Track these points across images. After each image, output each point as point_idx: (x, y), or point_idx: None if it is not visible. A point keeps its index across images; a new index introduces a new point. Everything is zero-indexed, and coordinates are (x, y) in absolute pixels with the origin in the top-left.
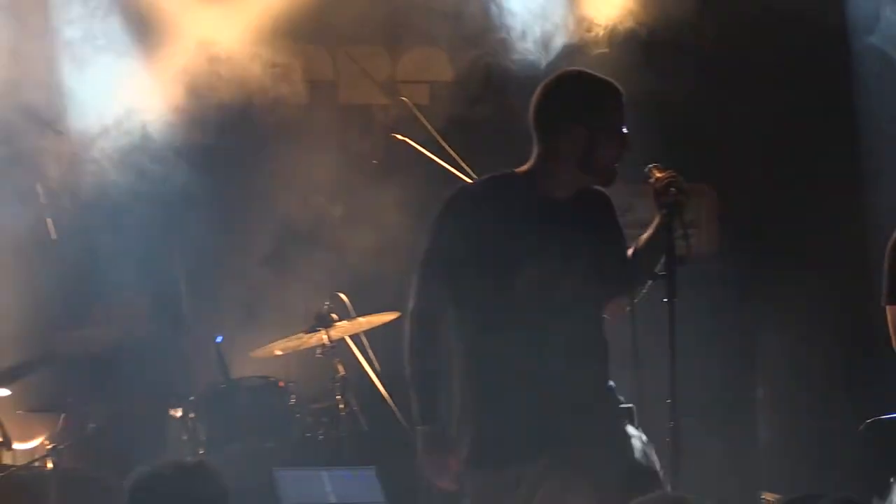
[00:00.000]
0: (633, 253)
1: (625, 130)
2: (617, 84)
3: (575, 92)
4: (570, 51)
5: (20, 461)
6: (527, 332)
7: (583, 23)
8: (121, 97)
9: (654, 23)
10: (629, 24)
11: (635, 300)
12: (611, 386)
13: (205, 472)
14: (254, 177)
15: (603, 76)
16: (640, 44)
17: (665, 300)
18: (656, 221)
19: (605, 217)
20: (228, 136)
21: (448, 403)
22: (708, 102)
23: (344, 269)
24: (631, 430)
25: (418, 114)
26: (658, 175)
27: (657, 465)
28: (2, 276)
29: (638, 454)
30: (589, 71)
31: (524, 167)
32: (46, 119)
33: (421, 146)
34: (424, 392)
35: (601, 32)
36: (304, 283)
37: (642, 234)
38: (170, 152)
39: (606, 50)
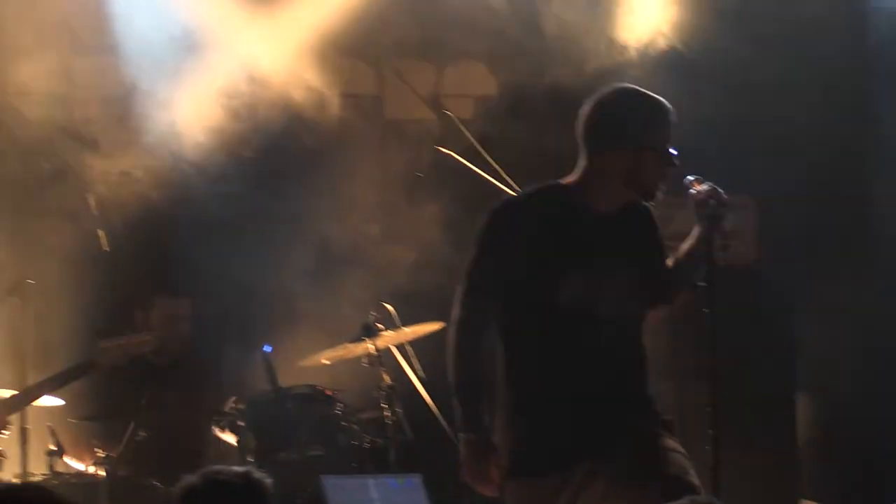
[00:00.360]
0: (674, 263)
1: (671, 149)
2: (665, 102)
3: (624, 108)
4: (604, 72)
5: (73, 469)
6: (568, 342)
7: (616, 44)
8: (167, 113)
9: (686, 42)
10: (661, 44)
11: (675, 310)
12: (651, 396)
13: (252, 481)
14: (300, 190)
15: (652, 94)
16: (672, 63)
17: (705, 310)
18: (696, 233)
19: (647, 230)
20: (275, 150)
21: (491, 411)
22: (745, 116)
23: (389, 280)
24: (670, 442)
25: (462, 127)
26: (698, 187)
27: (695, 479)
28: (54, 287)
29: (676, 468)
30: (638, 88)
31: (570, 179)
32: (93, 135)
33: (465, 159)
34: (467, 400)
35: (634, 54)
36: (350, 294)
37: (682, 245)
38: (217, 167)
39: (639, 71)
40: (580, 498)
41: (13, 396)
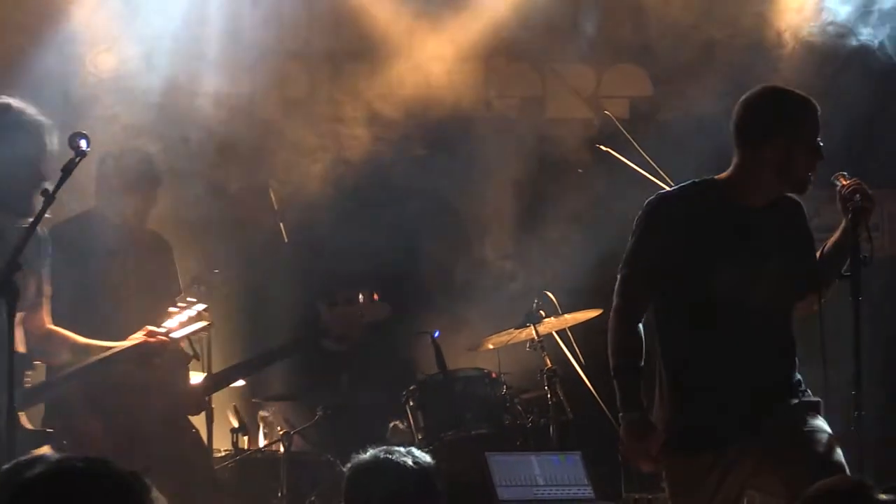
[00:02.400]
0: (821, 255)
1: (819, 142)
2: (812, 99)
3: (774, 106)
4: (760, 71)
5: (255, 445)
6: (721, 329)
7: (771, 42)
8: (338, 110)
9: (839, 38)
10: (816, 39)
11: (823, 299)
12: (799, 380)
13: (418, 460)
14: (467, 182)
15: (799, 91)
16: (818, 60)
17: (850, 298)
18: (842, 225)
19: (797, 223)
20: (444, 147)
21: (648, 392)
22: (889, 112)
23: (551, 269)
24: (818, 422)
25: (620, 126)
26: (844, 182)
27: (842, 458)
28: (237, 277)
29: (823, 447)
30: (786, 87)
31: (723, 175)
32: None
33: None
34: (627, 382)
35: (791, 49)
36: (515, 281)
37: (829, 237)
38: (390, 165)
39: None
40: (731, 474)
41: (219, 373)
